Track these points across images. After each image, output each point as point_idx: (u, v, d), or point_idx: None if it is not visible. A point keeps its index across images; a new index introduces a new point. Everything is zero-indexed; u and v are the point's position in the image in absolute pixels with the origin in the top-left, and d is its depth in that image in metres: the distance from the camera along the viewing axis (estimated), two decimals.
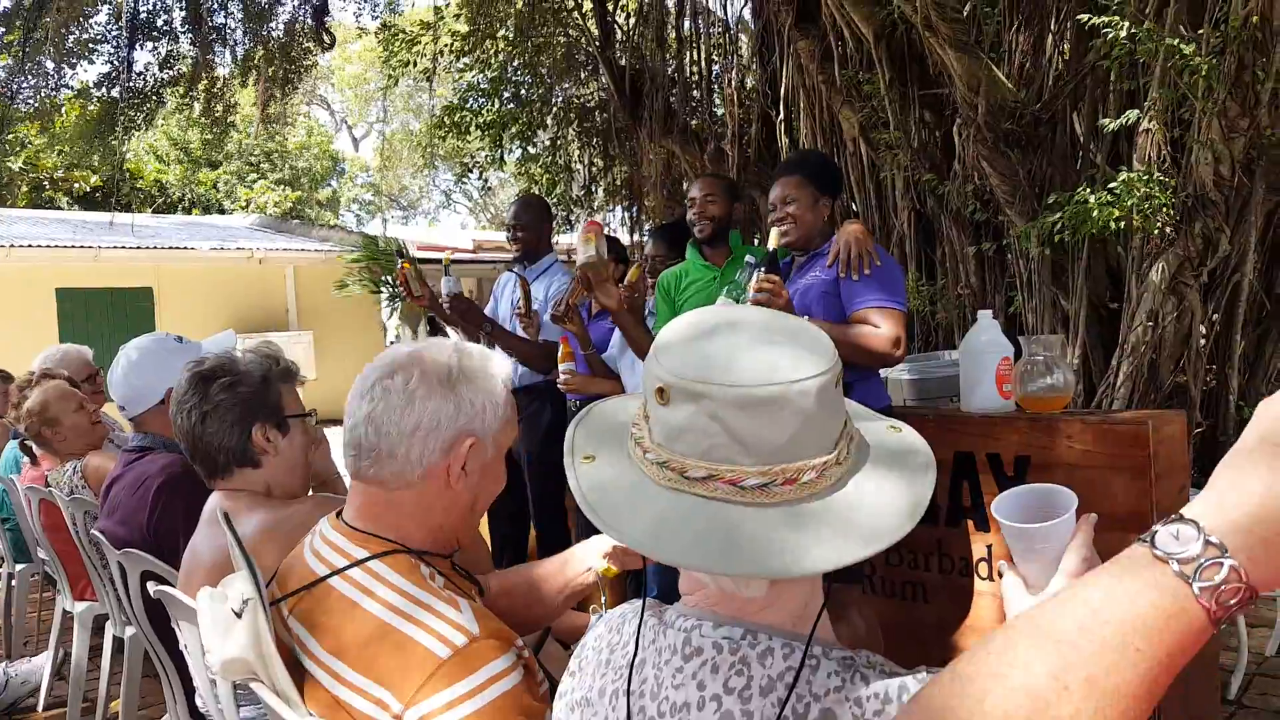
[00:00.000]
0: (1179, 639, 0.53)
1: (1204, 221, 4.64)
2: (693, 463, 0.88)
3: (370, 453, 1.30)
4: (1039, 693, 0.53)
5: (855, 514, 0.88)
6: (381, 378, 1.30)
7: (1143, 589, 0.54)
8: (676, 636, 0.92)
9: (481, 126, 9.97)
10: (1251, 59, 4.17)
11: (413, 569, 1.28)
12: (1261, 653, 3.35)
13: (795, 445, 0.87)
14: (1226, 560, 0.53)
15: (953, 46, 5.32)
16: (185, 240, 13.96)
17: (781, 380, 0.86)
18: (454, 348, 1.35)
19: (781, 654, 0.87)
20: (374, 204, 30.65)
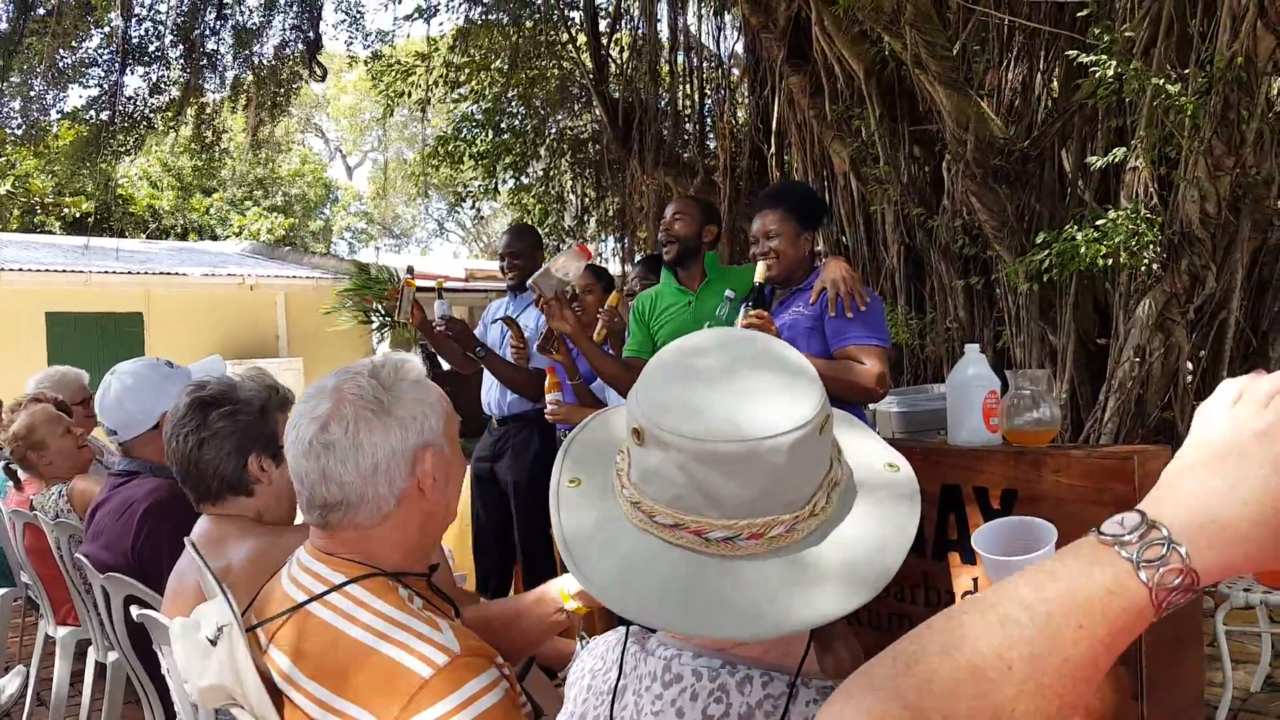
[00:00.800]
0: (1121, 618, 0.55)
1: (1190, 259, 4.68)
2: (661, 509, 0.86)
3: (339, 507, 1.28)
4: (983, 671, 0.53)
5: (820, 577, 0.85)
6: (318, 433, 1.26)
7: (1087, 568, 0.56)
8: (657, 664, 0.92)
9: (475, 156, 10.03)
10: (1237, 98, 4.23)
11: (390, 591, 1.27)
12: (1246, 689, 3.35)
13: (764, 500, 0.84)
14: (1168, 542, 0.55)
15: (942, 84, 5.38)
16: (176, 266, 13.94)
17: (752, 436, 0.83)
18: (367, 371, 1.32)
19: (760, 682, 0.87)
20: (367, 232, 30.71)
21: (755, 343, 0.95)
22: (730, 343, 0.94)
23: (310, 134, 30.01)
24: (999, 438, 2.79)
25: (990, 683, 0.53)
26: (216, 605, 1.31)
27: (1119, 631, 0.55)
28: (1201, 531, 0.56)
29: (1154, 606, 0.55)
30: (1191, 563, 0.55)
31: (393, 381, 1.32)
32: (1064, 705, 0.54)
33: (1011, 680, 0.53)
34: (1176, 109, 4.28)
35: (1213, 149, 4.34)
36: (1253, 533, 0.55)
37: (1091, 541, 0.58)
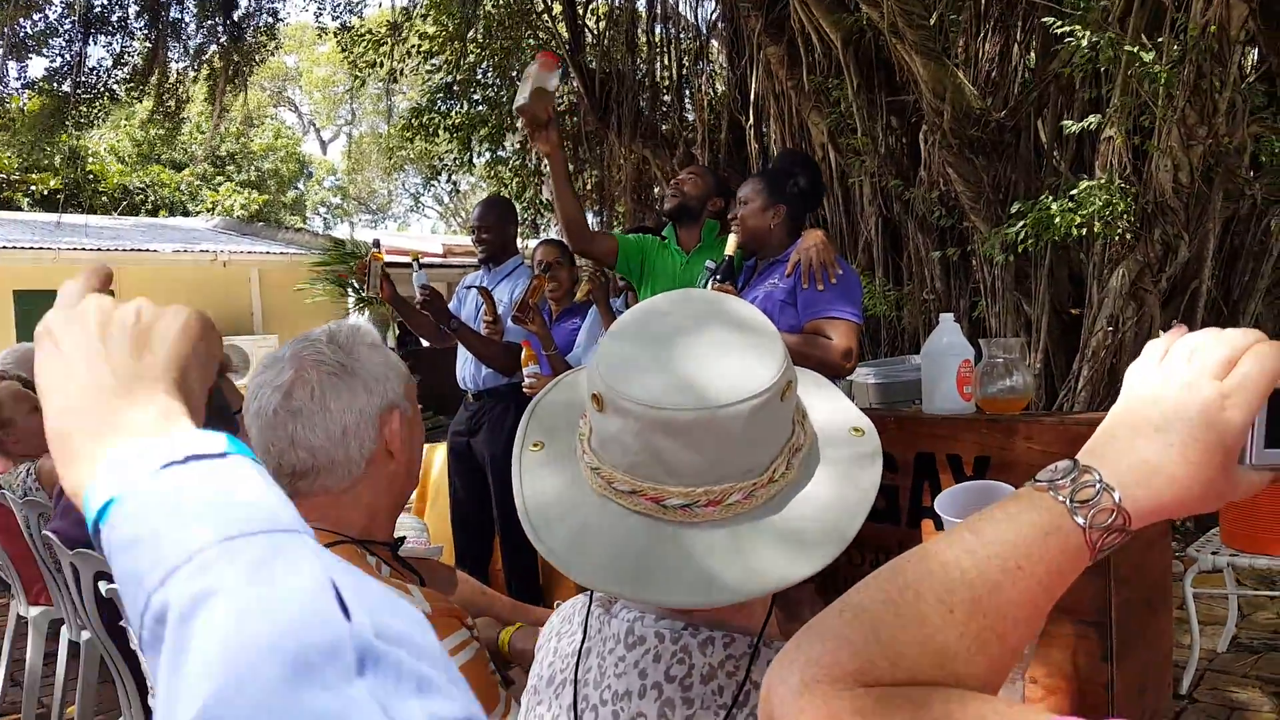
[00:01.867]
0: (1058, 558, 0.57)
1: (1163, 228, 4.71)
2: (619, 475, 0.86)
3: (309, 474, 1.28)
4: (926, 617, 0.55)
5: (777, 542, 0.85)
6: (283, 400, 1.26)
7: (1023, 512, 0.58)
8: (620, 625, 0.92)
9: (450, 129, 9.92)
10: (1209, 68, 4.25)
11: (359, 559, 1.28)
12: (1214, 649, 3.41)
13: (722, 467, 0.85)
14: (1100, 484, 0.58)
15: (919, 53, 5.36)
16: (147, 242, 13.77)
17: (709, 405, 0.82)
18: (325, 338, 1.32)
19: (723, 643, 0.87)
20: (342, 207, 30.42)
21: (717, 305, 0.93)
22: (691, 306, 0.93)
23: (283, 108, 29.62)
24: (973, 406, 2.80)
25: (934, 627, 0.54)
26: None
27: (1056, 572, 0.57)
28: (1132, 474, 0.58)
29: (1089, 547, 0.58)
30: (1123, 504, 0.58)
31: (351, 345, 1.32)
32: (1005, 648, 0.56)
33: (954, 624, 0.54)
34: (1150, 78, 4.29)
35: (1185, 118, 4.36)
36: (1179, 473, 0.58)
37: (1029, 488, 0.60)
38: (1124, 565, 2.61)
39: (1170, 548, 3.11)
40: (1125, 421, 0.61)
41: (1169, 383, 0.61)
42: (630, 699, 0.88)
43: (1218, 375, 0.60)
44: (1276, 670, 3.23)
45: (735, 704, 0.84)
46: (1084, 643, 2.58)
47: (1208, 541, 3.21)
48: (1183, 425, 0.59)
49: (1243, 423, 0.59)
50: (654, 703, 0.87)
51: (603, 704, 0.90)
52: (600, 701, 0.90)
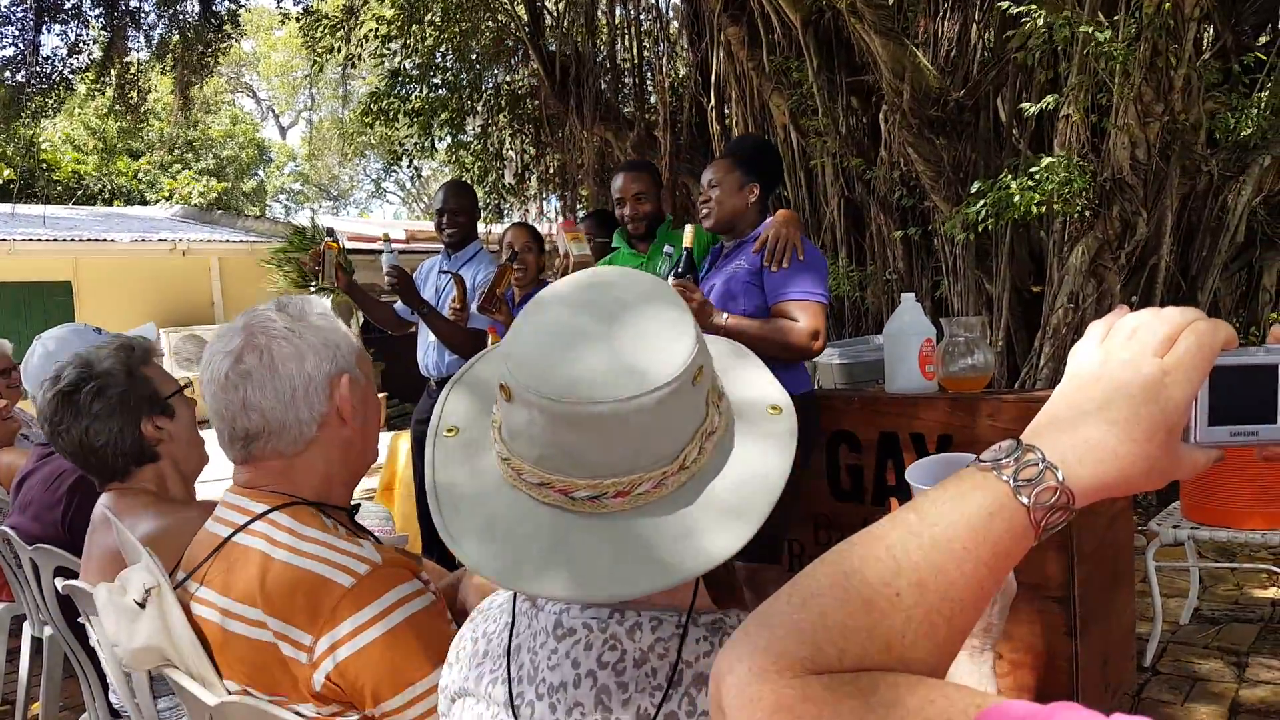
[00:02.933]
0: (1003, 539, 0.57)
1: (1122, 205, 4.76)
2: (528, 467, 0.85)
3: (260, 436, 1.30)
4: (873, 601, 0.55)
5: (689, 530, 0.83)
6: (234, 365, 1.28)
7: (967, 491, 0.58)
8: (548, 619, 0.91)
9: (410, 114, 9.80)
10: (1165, 46, 4.28)
11: (314, 518, 1.30)
12: (1176, 621, 3.46)
13: (630, 459, 0.83)
14: (1043, 462, 0.58)
15: (878, 33, 5.36)
16: (105, 232, 13.53)
17: (614, 398, 0.80)
18: (275, 309, 1.34)
19: (650, 627, 0.86)
20: (302, 194, 30.05)
21: (626, 288, 0.90)
22: (600, 290, 0.89)
23: (241, 93, 29.16)
24: (935, 385, 2.82)
25: (880, 612, 0.55)
26: (141, 569, 1.31)
27: (1002, 554, 0.57)
28: (1075, 452, 0.58)
29: (1033, 526, 0.58)
30: (1066, 482, 0.58)
31: (300, 314, 1.34)
32: (952, 630, 0.56)
33: (900, 608, 0.55)
34: (1107, 57, 4.32)
35: (1142, 96, 4.40)
36: (1121, 450, 0.58)
37: (973, 468, 0.60)
38: (1087, 541, 2.63)
39: (1132, 523, 3.15)
40: (1068, 400, 0.61)
41: (1110, 361, 0.61)
42: (566, 689, 0.87)
43: (1158, 352, 0.60)
44: (1237, 641, 3.29)
45: (670, 684, 0.84)
46: (1048, 618, 2.61)
47: (1169, 515, 3.26)
48: (1125, 403, 0.59)
49: (1184, 399, 0.59)
50: (590, 691, 0.86)
51: (539, 698, 0.89)
52: (537, 696, 0.89)
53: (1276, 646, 3.20)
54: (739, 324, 2.67)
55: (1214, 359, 0.60)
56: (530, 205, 11.41)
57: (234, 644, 1.24)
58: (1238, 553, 3.91)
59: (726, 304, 2.76)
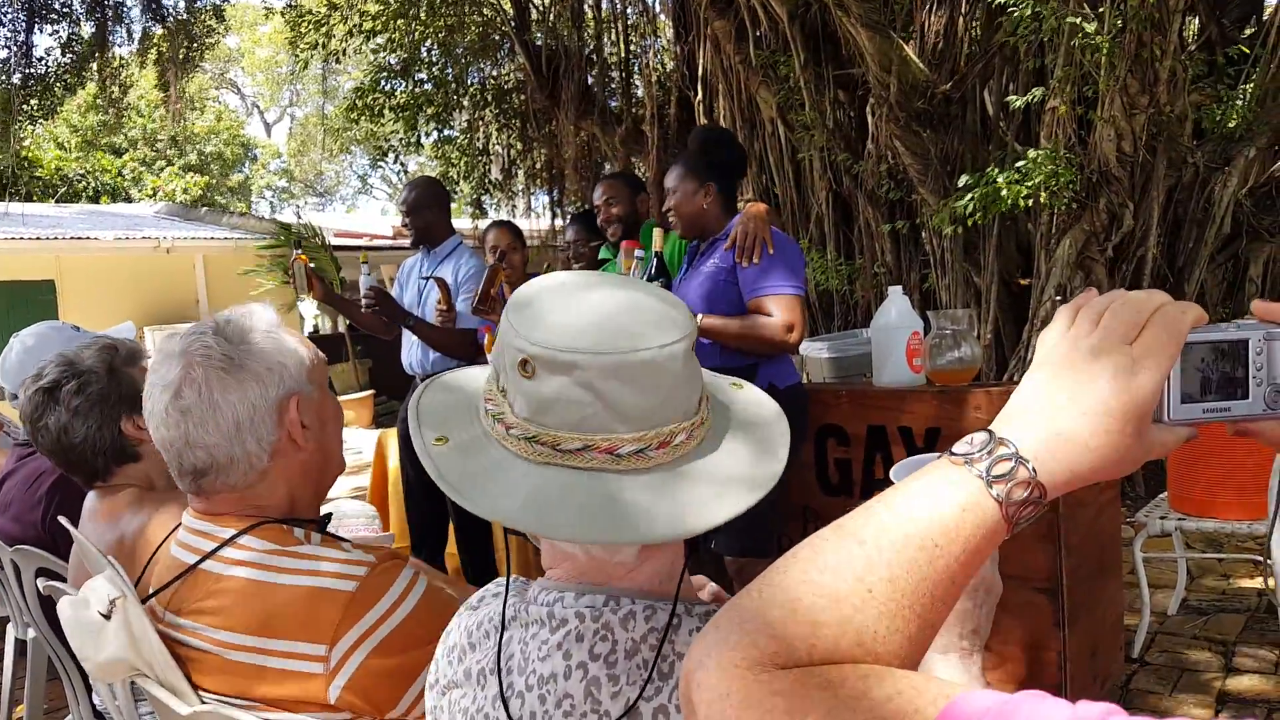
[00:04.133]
0: (974, 534, 0.57)
1: (1108, 197, 4.76)
2: (565, 435, 0.86)
3: (208, 471, 1.25)
4: (845, 597, 0.54)
5: (729, 469, 0.89)
6: (172, 399, 1.22)
7: (940, 486, 0.58)
8: (540, 610, 0.92)
9: (395, 109, 9.76)
10: (1150, 37, 4.28)
11: (284, 535, 1.26)
12: (1164, 612, 3.47)
13: (667, 409, 0.87)
14: (1015, 457, 0.57)
15: (865, 26, 5.36)
16: (88, 230, 13.39)
17: (652, 345, 0.85)
18: (211, 330, 1.27)
19: (644, 616, 0.87)
20: (288, 191, 29.92)
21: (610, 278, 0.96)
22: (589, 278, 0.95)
23: (225, 90, 29.01)
24: (923, 378, 2.81)
25: (852, 608, 0.54)
26: (106, 580, 1.27)
27: (974, 550, 0.57)
28: (1046, 445, 0.58)
29: (1005, 521, 0.57)
30: (1038, 476, 0.57)
31: (240, 335, 1.27)
32: (924, 624, 0.56)
33: (872, 603, 0.54)
34: (1093, 48, 4.32)
35: (1128, 87, 4.40)
36: (1094, 441, 0.58)
37: (945, 462, 0.59)
38: (1074, 533, 2.63)
39: (1120, 514, 3.15)
40: (1038, 389, 0.61)
41: (1079, 348, 0.60)
42: (556, 681, 0.88)
43: (1127, 339, 0.59)
44: (1225, 631, 3.29)
45: (658, 674, 0.85)
46: (1036, 609, 2.61)
47: (1156, 506, 3.26)
48: (1095, 392, 0.58)
49: (1154, 386, 0.58)
50: (580, 682, 0.87)
51: (528, 689, 0.89)
52: (526, 687, 0.89)
53: (1263, 636, 3.21)
54: (714, 324, 2.68)
55: (1182, 342, 0.60)
56: (517, 200, 11.38)
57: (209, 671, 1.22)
58: (1225, 543, 3.92)
59: (706, 304, 2.76)
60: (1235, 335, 0.62)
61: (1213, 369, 0.62)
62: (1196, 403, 0.62)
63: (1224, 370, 0.62)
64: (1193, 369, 0.61)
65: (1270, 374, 0.62)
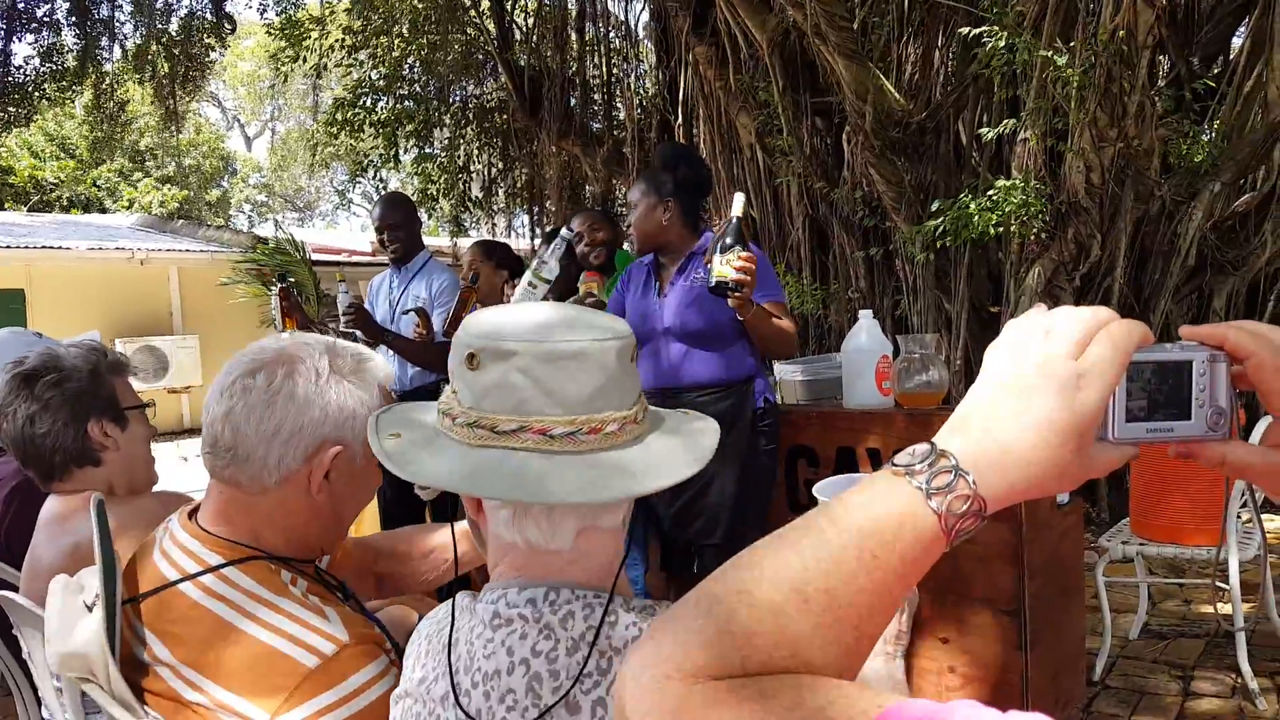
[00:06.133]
0: (913, 547, 0.56)
1: (1077, 228, 4.85)
2: (503, 418, 0.94)
3: (226, 452, 1.23)
4: (781, 607, 0.54)
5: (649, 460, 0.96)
6: (244, 374, 1.22)
7: (879, 497, 0.58)
8: (485, 611, 0.96)
9: (375, 124, 9.77)
10: (1119, 72, 4.38)
11: (271, 575, 1.22)
12: (1126, 636, 3.51)
13: (600, 398, 0.95)
14: (955, 469, 0.57)
15: (842, 55, 5.44)
16: (60, 240, 13.28)
17: (586, 338, 0.95)
18: (326, 346, 1.27)
19: (582, 614, 0.92)
20: (267, 205, 29.77)
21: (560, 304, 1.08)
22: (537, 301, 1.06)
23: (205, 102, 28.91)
24: (892, 401, 2.85)
25: (789, 618, 0.54)
26: (94, 573, 1.25)
27: (911, 561, 0.56)
28: (987, 458, 0.58)
29: (944, 533, 0.57)
30: (978, 489, 0.57)
31: (344, 367, 1.27)
32: (860, 636, 0.56)
33: (809, 614, 0.54)
34: (1063, 81, 4.41)
35: (1097, 121, 4.49)
36: (1034, 456, 0.58)
37: (886, 472, 0.59)
38: (1037, 556, 2.67)
39: (1083, 538, 3.20)
40: (982, 402, 0.60)
41: (1024, 362, 0.60)
42: (499, 677, 0.91)
43: (1072, 355, 0.59)
44: (1184, 655, 3.34)
45: (600, 671, 0.89)
46: (999, 631, 2.63)
47: (1119, 531, 3.31)
48: (1038, 407, 0.58)
49: (1098, 403, 0.58)
50: (522, 678, 0.90)
51: (474, 686, 0.92)
52: (472, 685, 0.93)
53: (1221, 661, 3.26)
54: (763, 312, 2.73)
55: (1128, 361, 0.60)
56: (497, 219, 11.40)
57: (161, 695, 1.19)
58: (1186, 569, 3.97)
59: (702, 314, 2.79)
60: (1179, 356, 0.63)
61: (1157, 389, 0.62)
62: (1140, 422, 0.62)
63: (1168, 391, 0.62)
64: (1137, 388, 0.62)
65: (1213, 396, 0.63)
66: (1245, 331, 0.63)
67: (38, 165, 21.12)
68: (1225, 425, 0.63)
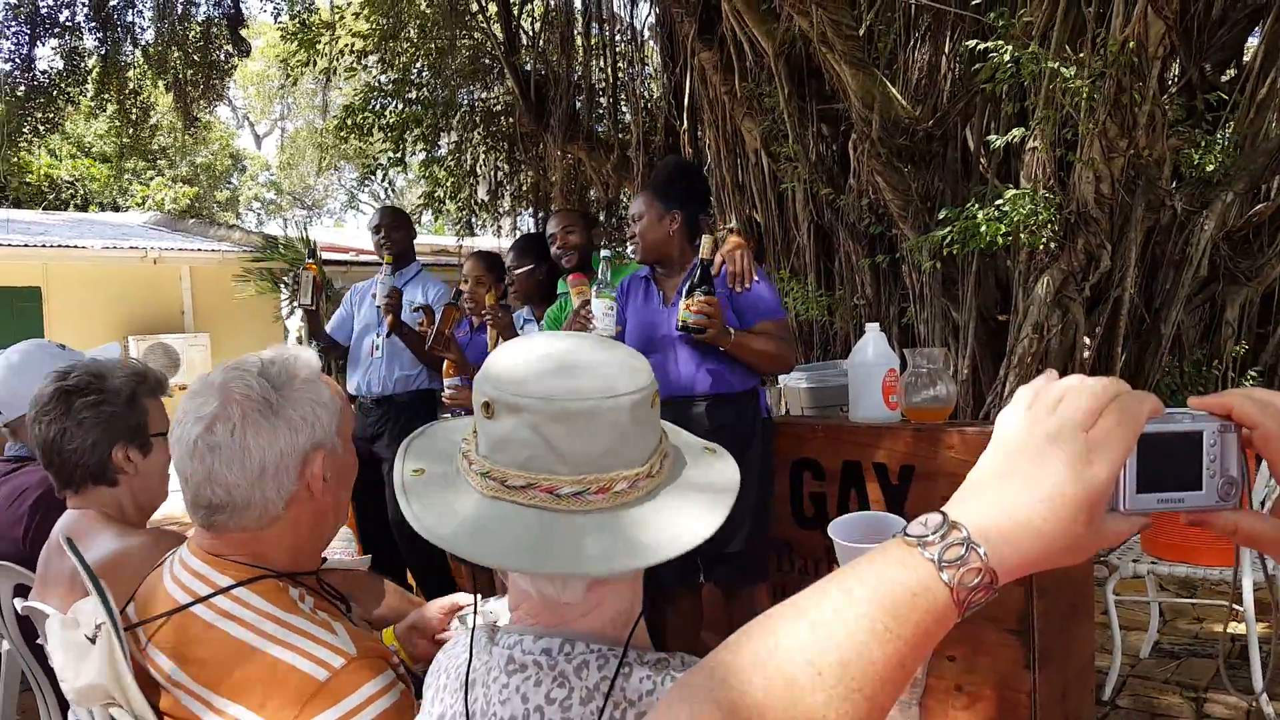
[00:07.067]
0: (925, 619, 0.57)
1: (1087, 238, 4.81)
2: (513, 472, 0.93)
3: (224, 509, 1.25)
4: (795, 679, 0.55)
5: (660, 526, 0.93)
6: (203, 434, 1.22)
7: (892, 570, 0.58)
8: (502, 654, 0.96)
9: (384, 128, 9.79)
10: (1129, 82, 4.34)
11: (280, 593, 1.26)
12: (1136, 654, 3.48)
13: (609, 457, 0.93)
14: (969, 542, 0.57)
15: (848, 63, 5.41)
16: (75, 238, 13.33)
17: (595, 395, 0.92)
18: (257, 369, 1.28)
19: (596, 665, 0.92)
20: (276, 204, 29.84)
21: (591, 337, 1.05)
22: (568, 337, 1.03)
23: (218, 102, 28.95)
24: (898, 415, 2.83)
25: (802, 690, 0.54)
26: (94, 602, 1.27)
27: (924, 634, 0.57)
28: (999, 530, 0.58)
29: (956, 606, 0.57)
30: (990, 561, 0.57)
31: (283, 380, 1.27)
32: (873, 708, 0.56)
33: (822, 686, 0.55)
34: (1072, 92, 4.38)
35: (1107, 131, 4.46)
36: (1045, 528, 0.58)
37: (898, 542, 0.60)
38: (1046, 575, 2.64)
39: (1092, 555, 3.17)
40: (994, 472, 0.61)
41: (1035, 432, 0.60)
42: None
43: (1084, 426, 0.59)
44: (1196, 675, 3.31)
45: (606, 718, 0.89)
46: (1008, 651, 2.62)
47: (1129, 549, 3.28)
48: (1050, 479, 0.58)
49: (1109, 476, 0.59)
50: None
51: None
52: None
53: (1234, 682, 3.23)
54: (742, 340, 2.79)
55: (1139, 433, 0.60)
56: (503, 221, 11.40)
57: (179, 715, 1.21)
58: (1198, 586, 3.94)
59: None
60: (1190, 427, 0.62)
61: (1168, 460, 0.62)
62: (1151, 492, 0.62)
63: (1179, 461, 0.62)
64: (1148, 459, 0.62)
65: (1223, 466, 0.63)
66: (1252, 401, 0.63)
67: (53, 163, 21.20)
68: (1236, 495, 0.63)
